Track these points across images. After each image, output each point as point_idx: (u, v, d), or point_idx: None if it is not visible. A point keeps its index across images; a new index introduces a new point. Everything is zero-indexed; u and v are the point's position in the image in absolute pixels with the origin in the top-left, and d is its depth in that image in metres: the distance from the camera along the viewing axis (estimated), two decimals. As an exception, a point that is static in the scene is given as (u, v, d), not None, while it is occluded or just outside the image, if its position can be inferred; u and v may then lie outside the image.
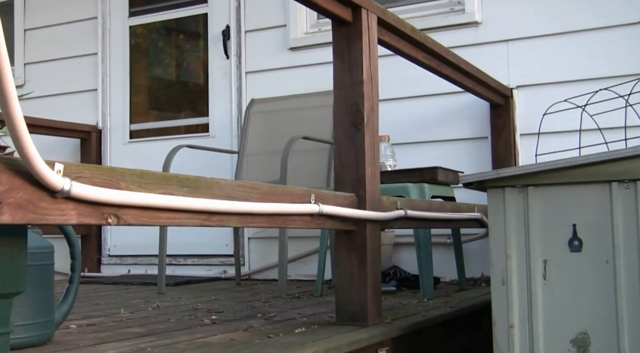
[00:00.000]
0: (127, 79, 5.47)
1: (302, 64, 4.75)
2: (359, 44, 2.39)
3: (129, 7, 5.51)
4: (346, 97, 2.44)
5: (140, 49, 5.60)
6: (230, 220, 1.79)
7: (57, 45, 5.70)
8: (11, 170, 1.18)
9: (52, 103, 5.53)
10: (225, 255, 4.89)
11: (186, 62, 5.58)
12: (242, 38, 4.99)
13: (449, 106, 4.37)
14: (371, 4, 2.47)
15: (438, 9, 4.50)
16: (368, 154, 2.45)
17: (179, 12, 5.36)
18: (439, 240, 4.11)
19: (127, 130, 5.43)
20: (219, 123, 5.06)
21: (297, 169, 4.07)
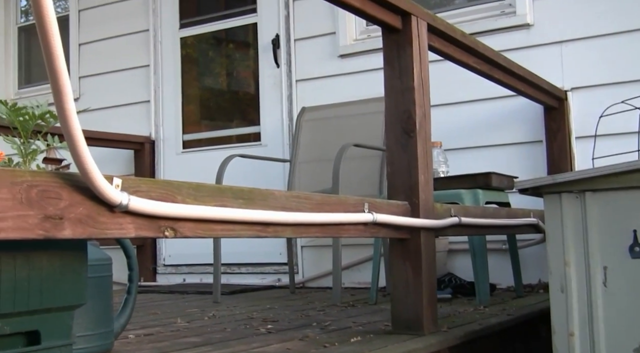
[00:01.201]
0: (179, 89, 5.55)
1: (352, 70, 4.75)
2: (409, 50, 2.39)
3: (179, 19, 5.59)
4: (397, 104, 2.43)
5: (191, 60, 5.67)
6: (285, 231, 1.80)
7: (111, 58, 5.80)
8: (71, 186, 1.20)
9: (106, 115, 5.64)
10: (279, 264, 4.91)
11: (237, 72, 5.63)
12: (292, 46, 5.02)
13: (502, 110, 4.32)
14: (421, 10, 2.46)
15: (488, 12, 4.45)
16: (421, 161, 2.43)
17: (229, 22, 5.42)
18: (494, 246, 4.06)
19: (180, 141, 5.50)
20: (270, 132, 5.09)
21: (349, 176, 4.06)
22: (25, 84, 6.44)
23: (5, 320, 1.24)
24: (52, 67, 1.11)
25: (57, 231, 1.17)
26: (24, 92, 6.34)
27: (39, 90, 6.15)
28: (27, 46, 6.53)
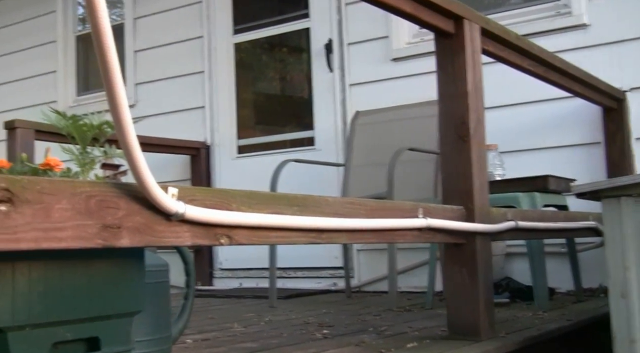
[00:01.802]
0: (233, 95, 5.60)
1: (405, 74, 4.73)
2: (462, 55, 2.37)
3: (233, 25, 5.64)
4: (451, 109, 2.41)
5: (245, 65, 5.72)
6: (340, 237, 1.80)
7: (166, 65, 5.89)
8: (129, 196, 1.23)
9: (162, 121, 5.72)
10: (334, 268, 4.92)
11: (290, 76, 5.66)
12: (345, 51, 5.02)
13: (558, 111, 4.26)
14: (474, 14, 2.44)
15: (543, 13, 4.40)
16: (475, 166, 2.41)
17: (282, 27, 5.45)
18: (553, 249, 4.00)
19: (234, 146, 5.55)
20: (324, 136, 5.10)
21: (404, 180, 4.05)
22: (83, 91, 6.57)
23: (67, 327, 1.27)
24: (108, 80, 1.14)
25: (115, 240, 1.20)
26: (82, 99, 6.48)
27: (96, 97, 6.28)
28: (85, 54, 6.67)
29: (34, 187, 1.08)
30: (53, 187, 1.11)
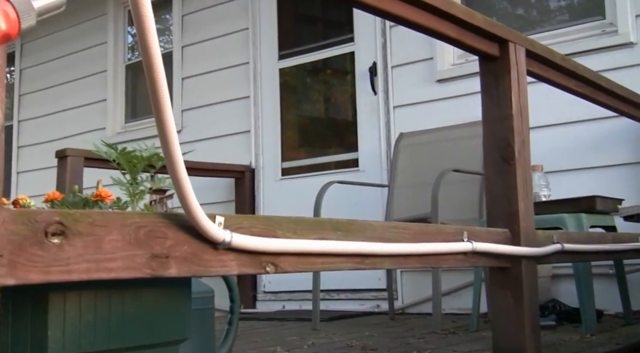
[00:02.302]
0: (278, 118, 5.64)
1: (450, 95, 4.73)
2: (507, 78, 2.36)
3: (278, 50, 5.70)
4: (495, 132, 2.40)
5: (289, 88, 5.76)
6: (384, 262, 1.80)
7: (212, 90, 5.97)
8: (177, 225, 1.25)
9: (208, 145, 5.79)
10: (378, 289, 4.91)
11: (334, 99, 5.69)
12: (389, 73, 5.04)
13: (605, 130, 4.21)
14: (519, 36, 2.43)
15: (589, 32, 4.36)
16: (520, 189, 2.39)
17: (327, 52, 5.49)
18: (600, 270, 3.94)
19: (279, 168, 5.59)
20: (368, 157, 5.11)
21: (448, 201, 4.03)
22: (131, 118, 6.69)
23: (116, 355, 1.30)
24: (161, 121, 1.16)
25: (164, 269, 1.22)
26: (130, 126, 6.59)
27: (144, 123, 6.39)
28: (134, 82, 6.79)
29: (86, 219, 1.11)
30: (104, 218, 1.14)
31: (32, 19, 0.76)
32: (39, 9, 0.77)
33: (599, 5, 4.37)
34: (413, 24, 2.07)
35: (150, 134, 6.05)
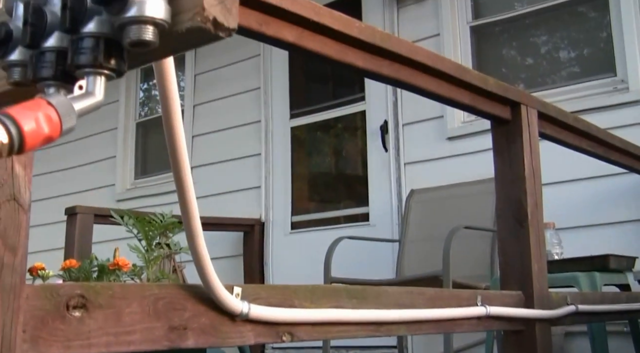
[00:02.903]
0: (288, 174, 5.67)
1: (460, 152, 4.75)
2: (519, 140, 2.38)
3: (290, 109, 5.75)
4: (508, 194, 2.41)
5: (301, 144, 5.80)
6: (399, 329, 1.80)
7: (223, 148, 6.00)
8: (195, 297, 1.26)
9: (218, 200, 5.80)
10: (388, 347, 4.86)
11: (345, 156, 5.72)
12: (400, 131, 5.07)
13: (617, 186, 4.21)
14: (531, 98, 2.46)
15: (600, 89, 4.40)
16: (534, 250, 2.39)
17: (338, 111, 5.54)
18: (615, 328, 3.90)
19: (288, 222, 5.59)
20: (378, 212, 5.11)
21: (460, 257, 4.02)
22: (141, 175, 6.73)
23: None
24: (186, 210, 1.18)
25: (181, 341, 1.22)
26: (140, 183, 6.63)
27: (153, 180, 6.43)
28: (144, 139, 6.85)
29: (106, 292, 1.12)
30: (124, 291, 1.15)
31: (73, 120, 0.78)
32: (79, 110, 0.79)
33: (610, 62, 4.41)
34: (428, 93, 2.10)
35: (160, 191, 6.08)
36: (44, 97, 0.78)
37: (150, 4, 0.79)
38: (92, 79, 0.83)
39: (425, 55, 2.03)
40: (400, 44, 1.96)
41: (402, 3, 5.25)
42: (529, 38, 4.89)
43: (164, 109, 1.11)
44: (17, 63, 0.92)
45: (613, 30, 4.39)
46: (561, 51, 4.77)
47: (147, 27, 0.79)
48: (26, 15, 0.88)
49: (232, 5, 0.82)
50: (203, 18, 0.79)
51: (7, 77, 0.93)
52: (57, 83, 0.86)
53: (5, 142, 0.70)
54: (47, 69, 0.86)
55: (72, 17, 0.82)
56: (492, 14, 5.00)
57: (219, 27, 0.81)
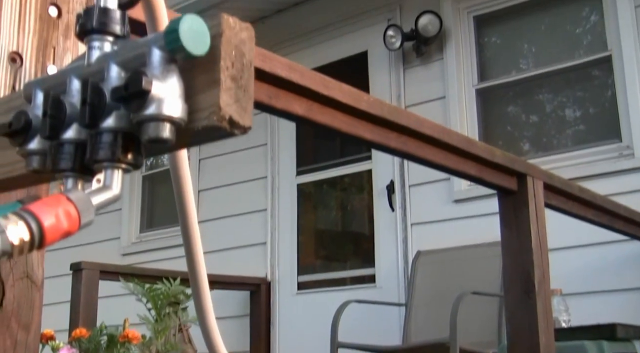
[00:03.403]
0: (294, 232, 5.67)
1: (467, 215, 4.76)
2: (525, 211, 2.39)
3: (296, 166, 5.79)
4: (515, 265, 2.41)
5: (307, 202, 5.82)
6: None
7: (229, 203, 6.02)
8: (202, 377, 1.26)
9: (223, 256, 5.79)
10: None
11: (352, 215, 5.73)
12: (407, 192, 5.09)
13: (624, 253, 4.19)
14: (537, 170, 2.48)
15: (605, 155, 4.42)
16: (541, 322, 2.38)
17: (345, 169, 5.58)
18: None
19: (295, 282, 5.57)
20: (385, 274, 5.10)
21: (467, 322, 3.99)
22: (147, 228, 6.74)
23: None
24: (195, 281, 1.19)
25: None
26: (145, 236, 6.63)
27: (159, 233, 6.43)
28: (150, 192, 6.87)
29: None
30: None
31: (91, 215, 0.80)
32: (97, 205, 0.81)
33: (615, 128, 4.45)
34: (435, 164, 2.12)
35: (165, 245, 6.08)
36: (64, 192, 0.80)
37: (168, 103, 0.81)
38: (109, 172, 0.85)
39: (432, 128, 2.06)
40: (408, 117, 1.99)
41: (408, 64, 5.32)
42: (535, 101, 4.94)
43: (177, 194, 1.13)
44: (36, 151, 0.94)
45: (618, 96, 4.44)
46: (566, 115, 4.81)
47: (164, 124, 0.81)
48: (45, 106, 0.90)
49: (248, 104, 0.85)
50: (219, 117, 0.81)
51: (26, 164, 0.95)
52: (76, 174, 0.88)
53: (27, 240, 0.72)
54: (66, 161, 0.88)
55: (91, 112, 0.84)
56: (497, 76, 5.06)
57: (234, 126, 0.83)
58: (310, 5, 5.90)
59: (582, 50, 4.77)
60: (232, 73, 0.84)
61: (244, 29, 0.87)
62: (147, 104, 0.81)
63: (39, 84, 0.98)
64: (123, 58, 0.88)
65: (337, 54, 5.71)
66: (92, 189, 0.84)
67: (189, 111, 0.84)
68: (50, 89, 0.96)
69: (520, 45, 5.09)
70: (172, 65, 0.84)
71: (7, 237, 0.71)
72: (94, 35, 0.92)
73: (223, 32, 0.84)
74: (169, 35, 0.82)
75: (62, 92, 0.93)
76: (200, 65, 0.85)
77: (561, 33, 4.90)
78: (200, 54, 0.82)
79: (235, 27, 0.86)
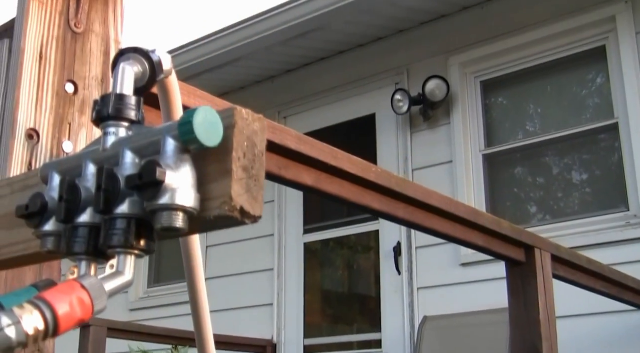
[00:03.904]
0: (301, 293, 5.65)
1: (474, 279, 4.74)
2: (533, 283, 2.39)
3: (303, 225, 5.79)
4: (523, 337, 2.40)
5: (314, 261, 5.81)
6: None
7: (236, 261, 6.02)
8: None
9: (229, 316, 5.76)
10: None
11: (359, 276, 5.72)
12: (413, 254, 5.08)
13: (633, 323, 4.15)
14: (545, 242, 2.48)
15: (613, 223, 4.41)
16: (549, 395, 2.36)
17: (352, 229, 5.58)
18: None
19: (301, 345, 5.53)
20: (391, 339, 5.06)
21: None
22: (154, 283, 6.72)
23: None
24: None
25: None
26: (153, 291, 6.62)
27: (167, 289, 6.41)
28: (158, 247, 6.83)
29: None
30: None
31: (104, 302, 0.81)
32: (110, 291, 0.83)
33: (623, 197, 4.45)
34: (443, 235, 2.13)
35: (173, 301, 6.06)
36: (78, 279, 0.81)
37: (182, 193, 0.83)
38: (122, 258, 0.87)
39: (440, 200, 2.08)
40: (416, 188, 2.01)
41: (416, 128, 5.36)
42: (542, 166, 4.96)
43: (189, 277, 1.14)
44: (51, 233, 0.96)
45: (625, 165, 4.46)
46: (573, 181, 4.82)
47: (177, 214, 0.83)
48: (62, 190, 0.92)
49: (259, 194, 0.87)
50: (231, 207, 0.83)
51: (41, 246, 0.97)
52: (89, 258, 0.90)
53: (42, 329, 0.74)
54: (80, 244, 0.90)
55: (106, 198, 0.86)
56: (504, 141, 5.09)
57: (245, 216, 0.85)
58: (319, 66, 5.98)
59: (589, 115, 4.81)
60: (244, 163, 0.86)
61: (257, 120, 0.89)
62: (160, 193, 0.83)
63: (56, 166, 1.00)
64: (138, 145, 0.90)
65: (345, 115, 5.76)
66: (105, 275, 0.85)
67: (202, 199, 0.85)
68: (66, 172, 0.98)
69: (527, 110, 5.13)
70: (185, 155, 0.86)
71: (22, 328, 0.72)
72: (110, 122, 0.95)
73: (236, 124, 0.86)
74: (184, 127, 0.84)
75: (78, 175, 0.96)
76: (213, 154, 0.87)
77: (568, 97, 4.94)
78: (213, 146, 0.84)
79: (248, 118, 0.88)
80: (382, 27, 5.50)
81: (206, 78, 5.84)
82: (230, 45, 5.55)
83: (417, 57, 5.44)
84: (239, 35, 5.50)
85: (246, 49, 5.56)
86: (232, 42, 5.54)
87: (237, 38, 5.51)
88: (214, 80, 6.02)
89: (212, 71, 5.85)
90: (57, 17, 1.34)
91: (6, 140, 1.25)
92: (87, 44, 1.37)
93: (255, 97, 6.23)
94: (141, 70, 1.00)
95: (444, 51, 5.30)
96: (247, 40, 5.47)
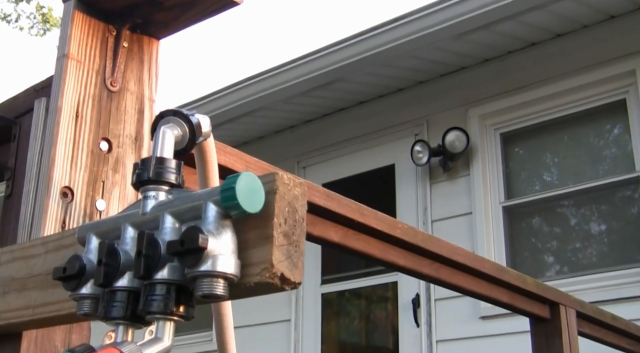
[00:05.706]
0: (318, 345, 5.59)
1: (494, 333, 4.68)
2: (559, 341, 2.36)
3: (321, 275, 5.76)
4: (549, 396, 2.36)
5: (331, 313, 5.76)
6: None
7: (253, 311, 5.96)
8: None
9: (247, 368, 5.71)
10: None
11: (377, 328, 5.66)
12: (432, 306, 5.03)
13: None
14: (569, 298, 2.46)
15: (634, 278, 4.36)
16: None
17: (370, 280, 5.54)
18: None
19: (317, 398, 5.47)
20: (410, 393, 4.99)
21: None
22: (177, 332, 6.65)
23: None
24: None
25: None
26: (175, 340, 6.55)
27: (187, 338, 6.36)
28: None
29: None
30: None
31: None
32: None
33: (644, 250, 4.42)
34: (467, 291, 2.12)
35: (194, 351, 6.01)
36: (117, 346, 0.81)
37: (223, 260, 0.83)
38: (161, 324, 0.87)
39: (465, 256, 2.07)
40: (442, 245, 2.00)
41: (435, 179, 5.36)
42: (562, 219, 4.93)
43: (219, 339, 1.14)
44: (87, 296, 0.96)
45: (647, 218, 4.43)
46: (594, 235, 4.79)
47: (218, 281, 0.83)
48: (101, 254, 0.92)
49: (299, 260, 0.87)
50: (271, 274, 0.83)
51: (77, 309, 0.97)
52: (127, 323, 0.90)
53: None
54: (118, 309, 0.90)
55: (146, 264, 0.86)
56: (524, 193, 5.07)
57: (285, 282, 0.85)
58: (339, 116, 6.02)
59: (609, 168, 4.79)
60: (285, 229, 0.86)
61: (297, 185, 0.90)
62: (202, 260, 0.83)
63: (93, 228, 1.00)
64: (178, 209, 0.91)
65: (364, 166, 5.77)
66: (143, 341, 0.85)
67: (242, 265, 0.86)
68: (104, 235, 0.98)
69: (547, 162, 5.12)
70: (226, 221, 0.86)
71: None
72: (150, 185, 0.95)
73: (277, 189, 0.87)
74: (225, 193, 0.84)
75: (116, 238, 0.96)
76: (253, 219, 0.87)
77: (588, 150, 4.93)
78: (255, 212, 0.84)
79: (289, 183, 0.88)
80: (402, 78, 5.54)
81: (228, 127, 5.89)
82: (251, 96, 5.60)
83: (437, 108, 5.46)
84: (259, 86, 5.56)
85: (266, 100, 5.61)
86: (253, 93, 5.59)
87: (258, 88, 5.56)
88: (235, 130, 6.06)
89: (232, 121, 5.89)
90: (93, 75, 1.36)
91: (41, 198, 1.26)
92: (122, 103, 1.39)
93: (274, 147, 6.26)
94: (181, 133, 1.01)
95: (464, 103, 5.32)
96: (268, 90, 5.52)
